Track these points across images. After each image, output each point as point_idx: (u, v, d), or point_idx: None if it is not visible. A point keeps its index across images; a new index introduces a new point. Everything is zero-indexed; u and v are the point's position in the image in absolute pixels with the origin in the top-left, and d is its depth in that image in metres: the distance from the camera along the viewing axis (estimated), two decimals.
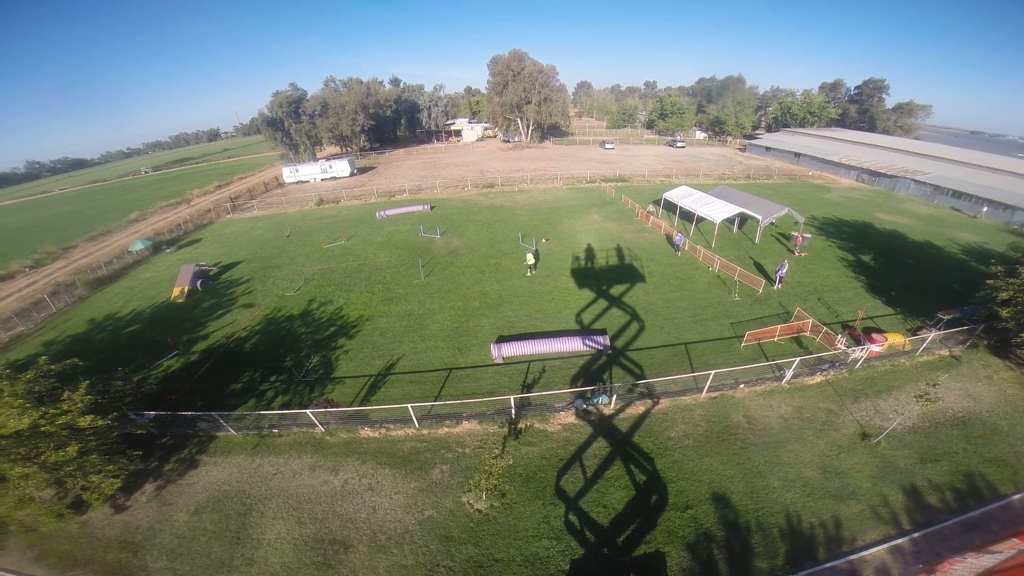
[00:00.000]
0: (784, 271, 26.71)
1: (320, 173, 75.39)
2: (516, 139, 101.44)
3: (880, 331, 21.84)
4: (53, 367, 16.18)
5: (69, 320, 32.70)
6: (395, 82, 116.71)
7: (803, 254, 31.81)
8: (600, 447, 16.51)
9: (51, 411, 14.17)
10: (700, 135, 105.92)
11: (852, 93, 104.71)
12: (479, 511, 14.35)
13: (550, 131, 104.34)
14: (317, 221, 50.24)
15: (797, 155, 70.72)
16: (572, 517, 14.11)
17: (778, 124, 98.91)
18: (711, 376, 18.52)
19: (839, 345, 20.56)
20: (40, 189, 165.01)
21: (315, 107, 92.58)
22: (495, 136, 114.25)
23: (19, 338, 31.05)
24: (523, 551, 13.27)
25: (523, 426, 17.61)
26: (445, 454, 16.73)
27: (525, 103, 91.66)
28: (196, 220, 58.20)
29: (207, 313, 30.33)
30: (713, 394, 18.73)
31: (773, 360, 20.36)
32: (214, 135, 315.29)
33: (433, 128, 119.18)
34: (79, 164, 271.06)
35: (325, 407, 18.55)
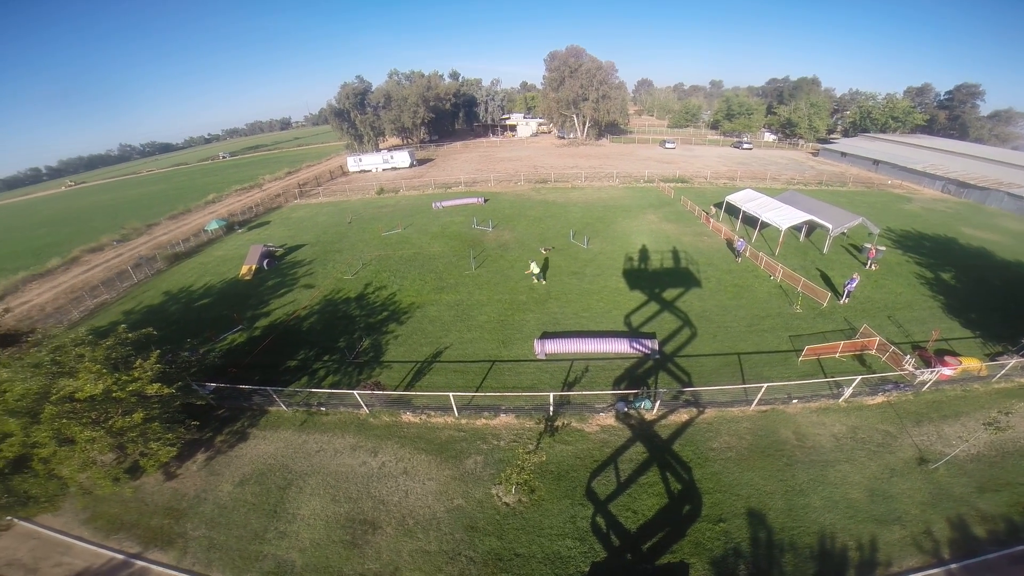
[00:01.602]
0: (853, 285, 25.17)
1: (382, 163, 78.09)
2: (571, 136, 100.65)
3: (954, 354, 20.27)
4: (130, 335, 16.98)
5: (147, 291, 35.81)
6: (454, 76, 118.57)
7: (875, 268, 29.84)
8: (637, 452, 16.31)
9: (124, 378, 14.75)
10: (769, 137, 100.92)
11: (942, 98, 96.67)
12: (507, 504, 14.53)
13: (607, 129, 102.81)
14: (377, 209, 52.21)
15: (876, 162, 66.04)
16: (599, 519, 14.04)
17: (856, 129, 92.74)
18: (763, 389, 17.84)
19: (906, 366, 19.24)
20: (131, 170, 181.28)
21: (379, 99, 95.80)
22: (550, 132, 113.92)
23: (103, 306, 34.34)
24: (545, 549, 13.36)
25: (560, 424, 17.64)
26: (480, 445, 17.05)
27: (582, 100, 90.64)
28: (266, 204, 62.00)
29: (271, 291, 32.31)
30: (763, 408, 18.06)
31: (832, 377, 19.37)
32: (286, 124, 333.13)
33: (489, 122, 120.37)
34: (165, 148, 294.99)
35: (372, 389, 19.29)
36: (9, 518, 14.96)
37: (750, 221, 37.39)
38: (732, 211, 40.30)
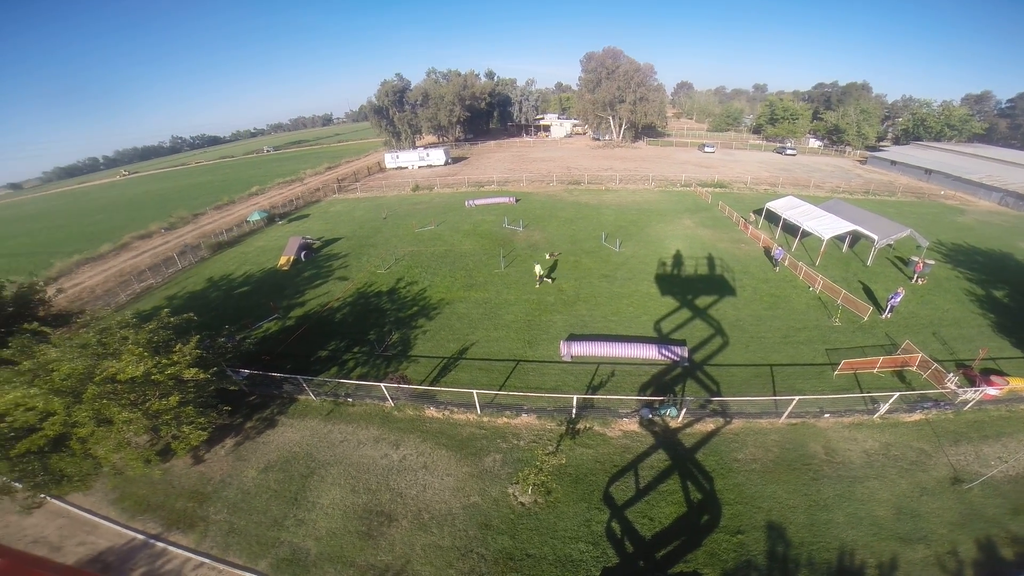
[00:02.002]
0: (897, 300, 23.99)
1: (418, 160, 79.30)
2: (607, 137, 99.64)
3: (1002, 373, 19.13)
4: (172, 320, 17.40)
5: (191, 278, 37.36)
6: (490, 75, 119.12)
7: (922, 282, 28.36)
8: (659, 459, 16.04)
9: (163, 361, 15.07)
10: (814, 143, 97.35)
11: (1003, 106, 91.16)
12: (522, 504, 14.50)
13: (644, 131, 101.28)
14: (412, 206, 53.02)
15: (928, 171, 62.78)
16: (615, 525, 13.88)
17: (908, 137, 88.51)
18: (794, 402, 17.28)
19: (948, 384, 18.28)
20: (180, 161, 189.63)
21: (417, 97, 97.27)
22: (584, 133, 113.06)
23: (148, 290, 36.05)
24: (557, 551, 13.28)
25: (582, 427, 17.49)
26: (500, 444, 17.07)
27: (618, 101, 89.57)
28: (306, 197, 63.89)
29: (307, 282, 33.21)
30: (793, 420, 17.50)
31: (868, 392, 18.59)
32: (327, 120, 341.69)
33: (523, 122, 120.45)
34: (214, 141, 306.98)
35: (398, 383, 19.56)
36: (42, 496, 15.36)
37: (791, 229, 36.13)
38: (772, 218, 39.06)
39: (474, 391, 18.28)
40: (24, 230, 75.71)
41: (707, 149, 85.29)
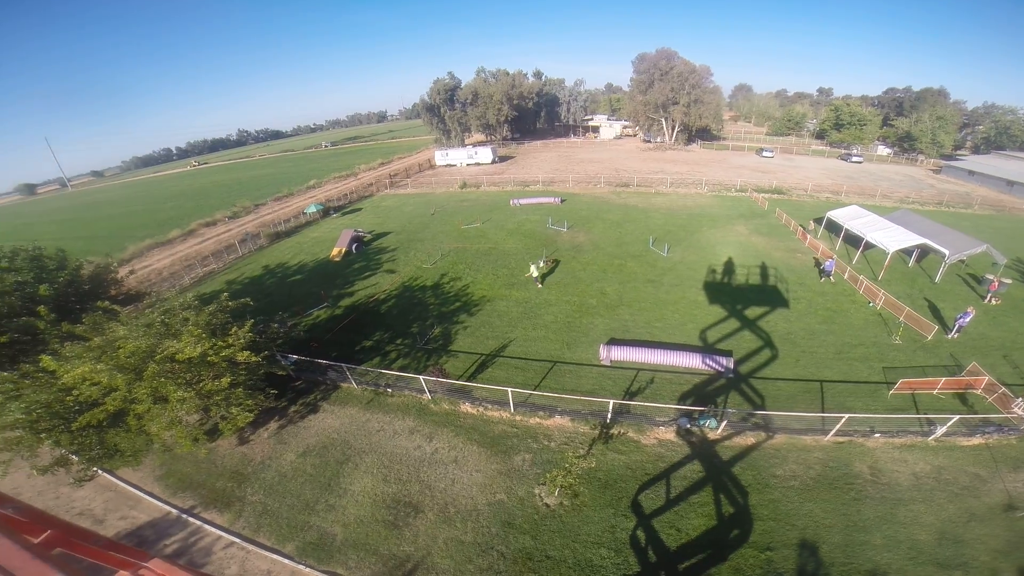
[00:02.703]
0: (967, 320, 22.12)
1: (466, 158, 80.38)
2: (658, 139, 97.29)
3: None
4: (230, 304, 17.96)
5: (249, 264, 39.41)
6: (538, 75, 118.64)
7: (996, 302, 26.00)
8: (693, 470, 15.57)
9: (219, 343, 15.59)
10: (883, 151, 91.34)
11: None
12: (547, 505, 14.42)
13: (698, 134, 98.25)
14: (459, 203, 53.76)
15: (1010, 183, 57.63)
16: (640, 533, 13.58)
17: (989, 145, 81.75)
18: (843, 419, 16.34)
19: (1016, 409, 16.79)
20: (245, 154, 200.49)
21: (467, 96, 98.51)
22: (635, 135, 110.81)
23: (210, 274, 38.28)
24: (578, 555, 13.11)
25: (616, 432, 17.20)
26: (531, 443, 17.01)
27: (672, 103, 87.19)
28: (360, 192, 65.99)
29: (356, 274, 34.34)
30: (840, 439, 16.60)
31: (925, 414, 17.45)
32: (382, 117, 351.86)
33: (571, 122, 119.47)
34: (276, 135, 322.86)
35: (437, 376, 19.81)
36: (95, 469, 16.05)
37: (853, 241, 33.92)
38: (833, 228, 36.92)
39: (509, 389, 18.28)
40: (103, 215, 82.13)
41: (765, 154, 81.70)
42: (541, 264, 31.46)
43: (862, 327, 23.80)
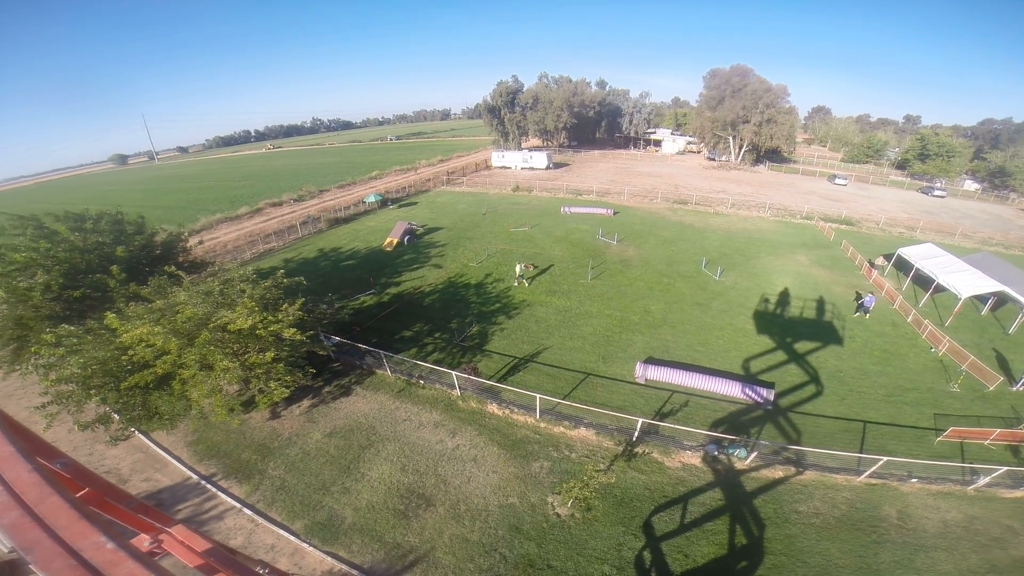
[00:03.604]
0: None
1: (521, 162, 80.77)
2: (723, 158, 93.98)
3: None
4: (285, 281, 18.59)
5: (307, 246, 41.34)
6: (601, 84, 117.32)
7: None
8: (712, 497, 15.05)
9: (269, 318, 16.10)
10: (971, 186, 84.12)
11: None
12: (558, 515, 14.28)
13: (767, 155, 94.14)
14: (510, 205, 54.07)
15: None
16: (646, 554, 13.24)
17: None
18: (881, 462, 15.48)
19: None
20: (316, 141, 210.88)
21: (528, 100, 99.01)
22: (699, 151, 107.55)
23: (270, 251, 40.50)
24: (580, 568, 12.90)
25: (640, 451, 16.81)
26: (551, 452, 16.85)
27: (742, 122, 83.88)
28: (417, 186, 67.89)
29: (405, 265, 35.32)
30: (874, 481, 15.74)
31: (970, 463, 16.33)
32: (446, 115, 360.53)
33: (632, 134, 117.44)
34: (346, 125, 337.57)
35: (469, 374, 19.91)
36: (132, 430, 16.65)
37: (923, 282, 31.41)
38: (903, 266, 34.33)
39: (538, 395, 18.18)
40: (183, 188, 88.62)
41: (838, 181, 77.07)
42: (522, 267, 31.45)
43: (919, 372, 22.26)
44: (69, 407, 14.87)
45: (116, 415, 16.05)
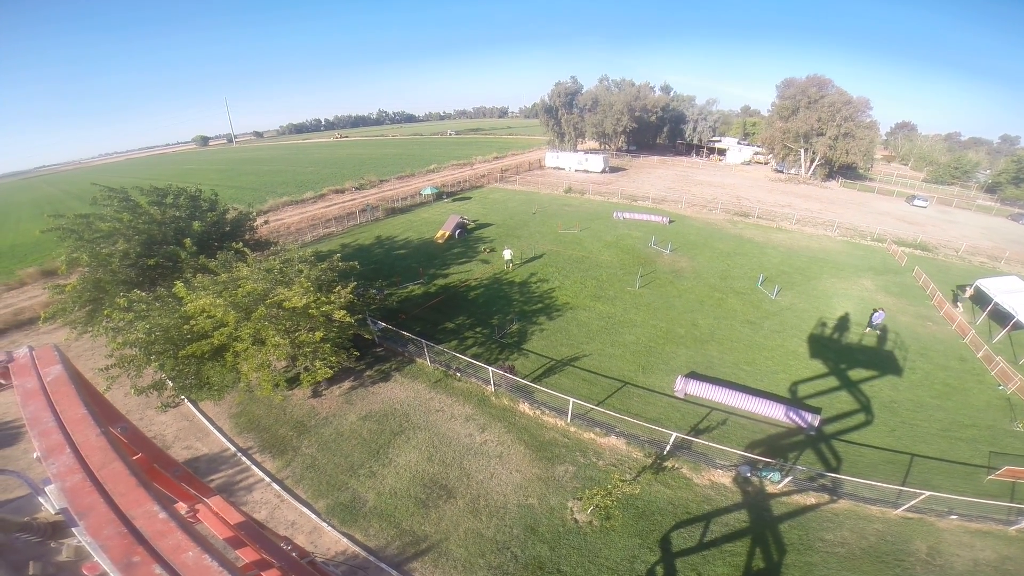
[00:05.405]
0: None
1: (576, 164, 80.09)
2: (792, 171, 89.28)
3: None
4: (340, 265, 19.54)
5: (364, 232, 43.16)
6: (665, 89, 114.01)
7: None
8: (737, 518, 14.61)
9: (322, 299, 16.77)
10: None
11: None
12: (575, 521, 14.23)
13: (840, 171, 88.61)
14: (561, 206, 53.86)
15: None
16: (659, 569, 13.04)
17: None
18: (922, 496, 14.57)
19: None
20: (380, 132, 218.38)
21: (587, 102, 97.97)
22: (766, 163, 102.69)
23: (328, 236, 42.58)
24: None
25: (670, 465, 16.48)
26: (578, 457, 16.78)
27: (816, 134, 79.20)
28: (472, 181, 69.03)
29: (454, 257, 36.19)
30: (911, 515, 14.92)
31: (1019, 503, 15.19)
32: (503, 112, 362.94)
33: (696, 142, 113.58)
34: (409, 118, 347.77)
35: (505, 371, 20.10)
36: (182, 397, 17.53)
37: (1001, 317, 28.62)
38: (981, 299, 31.37)
39: (571, 399, 18.15)
40: (255, 170, 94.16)
41: (918, 202, 71.35)
42: (510, 253, 32.40)
43: (981, 408, 20.68)
44: (130, 371, 15.77)
45: (170, 382, 17.06)
